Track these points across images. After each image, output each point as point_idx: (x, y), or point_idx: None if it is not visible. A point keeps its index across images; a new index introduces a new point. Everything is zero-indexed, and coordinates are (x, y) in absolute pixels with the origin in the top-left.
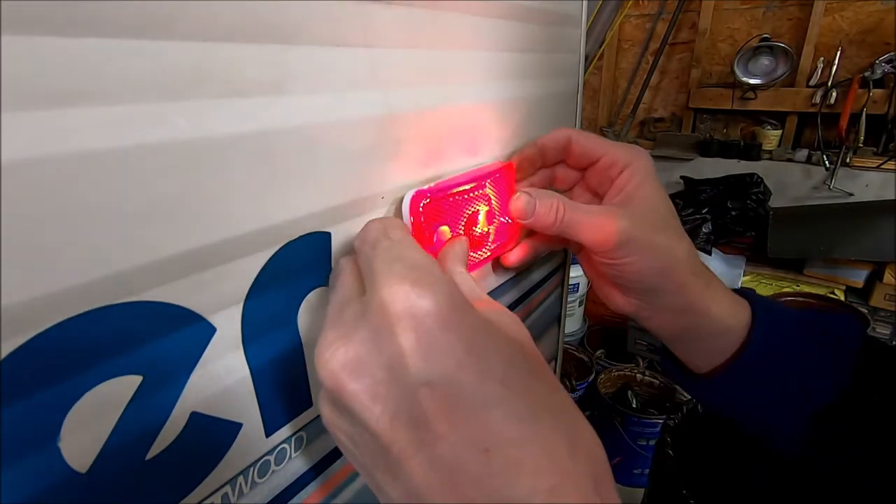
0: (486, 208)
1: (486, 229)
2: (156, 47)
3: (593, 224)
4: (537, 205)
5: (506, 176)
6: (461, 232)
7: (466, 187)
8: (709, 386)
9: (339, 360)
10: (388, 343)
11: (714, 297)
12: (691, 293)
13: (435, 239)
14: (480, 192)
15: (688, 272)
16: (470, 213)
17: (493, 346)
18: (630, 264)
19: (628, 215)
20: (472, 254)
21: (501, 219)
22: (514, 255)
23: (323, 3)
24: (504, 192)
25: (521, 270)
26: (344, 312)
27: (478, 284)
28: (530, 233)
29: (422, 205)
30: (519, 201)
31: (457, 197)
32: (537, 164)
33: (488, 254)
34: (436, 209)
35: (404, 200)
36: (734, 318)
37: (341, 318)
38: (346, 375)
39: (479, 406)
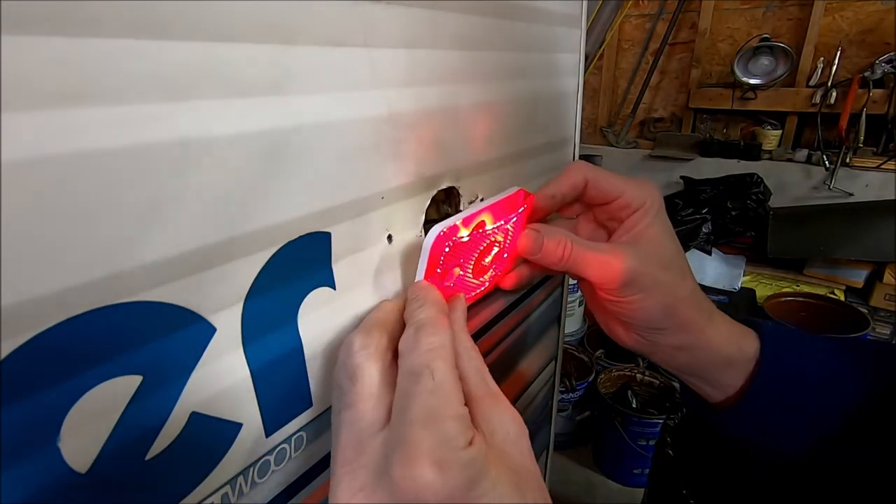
0: (502, 242)
1: (490, 261)
2: (156, 47)
3: (600, 262)
4: (545, 242)
5: (528, 210)
6: (472, 263)
7: (491, 226)
8: (722, 416)
9: None
10: None
11: (717, 330)
12: (694, 330)
13: (439, 270)
14: (502, 226)
15: (691, 309)
16: (486, 245)
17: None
18: (635, 302)
19: (636, 254)
20: (473, 280)
21: (504, 254)
22: (510, 280)
23: (323, 3)
24: (520, 224)
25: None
26: (364, 451)
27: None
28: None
29: (447, 247)
30: (527, 239)
31: (480, 231)
32: (553, 210)
33: (486, 284)
34: (457, 250)
35: (427, 240)
36: (738, 350)
37: (360, 462)
38: None
39: None
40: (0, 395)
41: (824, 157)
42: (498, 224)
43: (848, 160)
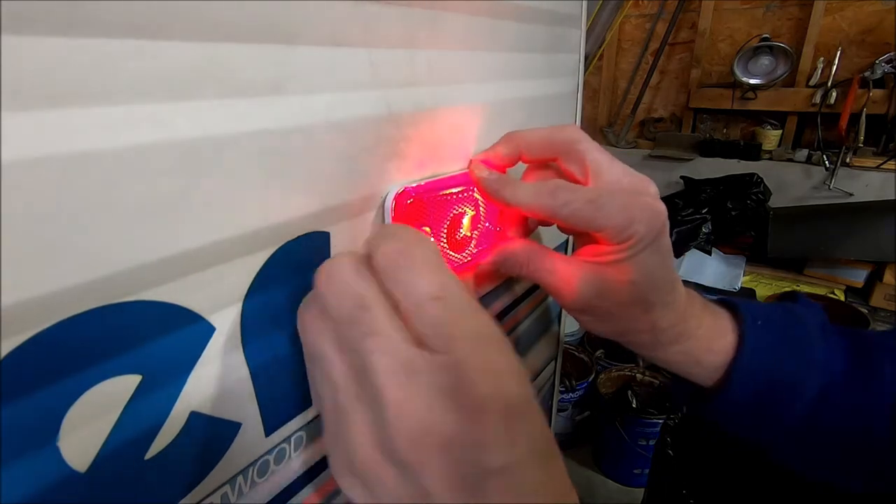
0: (472, 213)
1: (469, 234)
2: (156, 47)
3: (553, 284)
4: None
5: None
6: (444, 233)
7: (454, 190)
8: (705, 404)
9: (434, 438)
10: (478, 429)
11: (680, 349)
12: (650, 351)
13: None
14: (467, 195)
15: (648, 335)
16: (454, 215)
17: (540, 425)
18: (586, 323)
19: (595, 284)
20: (453, 255)
21: (486, 224)
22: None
23: (323, 3)
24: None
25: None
26: (419, 372)
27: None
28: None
29: (407, 203)
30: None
31: (442, 198)
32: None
33: (469, 258)
34: (420, 209)
35: (387, 197)
36: (699, 364)
37: (419, 382)
38: (435, 451)
39: (532, 485)
40: (0, 395)
41: (824, 157)
42: (461, 188)
43: (848, 160)
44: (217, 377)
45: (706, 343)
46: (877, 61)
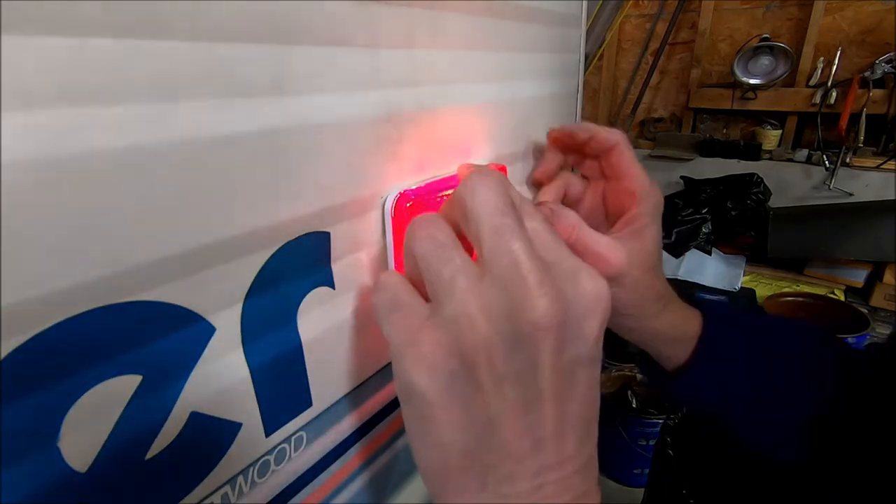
0: None
1: None
2: (156, 47)
3: (597, 255)
4: (558, 222)
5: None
6: None
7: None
8: (672, 383)
9: (561, 316)
10: (586, 322)
11: (665, 320)
12: (644, 319)
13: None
14: None
15: (649, 304)
16: None
17: None
18: (612, 295)
19: (629, 254)
20: None
21: None
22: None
23: (323, 3)
24: None
25: None
26: (550, 270)
27: None
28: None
29: (406, 206)
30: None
31: (443, 200)
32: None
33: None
34: (420, 210)
35: (387, 200)
36: (682, 332)
37: (549, 275)
38: (556, 328)
39: (597, 381)
40: (0, 395)
41: (824, 157)
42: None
43: (848, 160)
44: (217, 377)
45: (682, 313)
46: (877, 61)
